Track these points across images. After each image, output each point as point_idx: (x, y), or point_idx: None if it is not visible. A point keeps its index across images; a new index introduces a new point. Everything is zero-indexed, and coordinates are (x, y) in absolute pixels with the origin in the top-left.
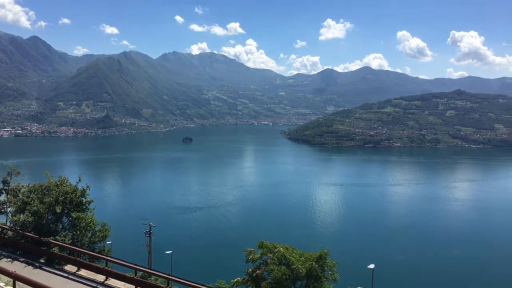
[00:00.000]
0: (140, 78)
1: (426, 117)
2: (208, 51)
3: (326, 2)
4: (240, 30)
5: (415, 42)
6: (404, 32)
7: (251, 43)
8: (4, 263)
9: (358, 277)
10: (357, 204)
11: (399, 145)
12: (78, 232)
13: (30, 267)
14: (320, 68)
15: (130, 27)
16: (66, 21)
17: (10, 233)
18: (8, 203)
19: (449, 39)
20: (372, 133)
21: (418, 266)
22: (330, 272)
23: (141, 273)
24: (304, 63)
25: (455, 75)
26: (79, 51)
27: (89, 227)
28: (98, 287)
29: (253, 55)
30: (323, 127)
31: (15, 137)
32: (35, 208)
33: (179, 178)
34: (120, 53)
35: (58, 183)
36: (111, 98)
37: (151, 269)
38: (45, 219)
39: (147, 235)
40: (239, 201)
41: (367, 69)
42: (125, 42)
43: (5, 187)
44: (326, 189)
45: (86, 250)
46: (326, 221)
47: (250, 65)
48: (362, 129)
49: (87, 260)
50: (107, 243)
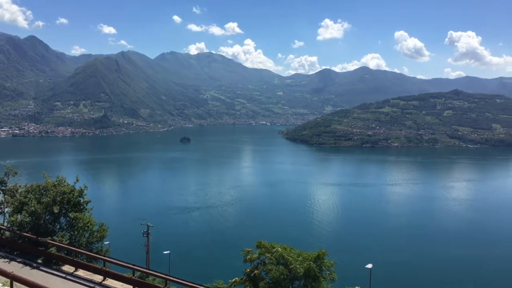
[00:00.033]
0: (138, 78)
1: (423, 117)
2: (206, 51)
3: (324, 2)
4: (238, 30)
5: (412, 42)
6: (402, 32)
7: (249, 43)
8: (2, 264)
9: (356, 276)
10: (355, 204)
11: (396, 145)
12: (76, 232)
13: (28, 268)
14: (318, 68)
15: (128, 27)
16: (63, 21)
17: (7, 233)
18: (5, 203)
19: (446, 39)
20: (370, 133)
21: (415, 266)
22: (328, 272)
23: (139, 273)
24: (302, 63)
25: (453, 75)
26: (77, 51)
27: (86, 227)
28: (95, 287)
29: (251, 55)
30: (321, 127)
31: (12, 137)
32: (33, 208)
33: (177, 178)
34: (118, 53)
35: (56, 183)
36: (109, 98)
37: (149, 269)
38: (43, 219)
39: (145, 235)
40: (237, 201)
41: (365, 69)
42: (122, 42)
43: (3, 187)
44: (324, 189)
45: (84, 250)
46: (324, 221)
47: (248, 65)
48: (360, 129)
49: (84, 260)
50: (105, 243)
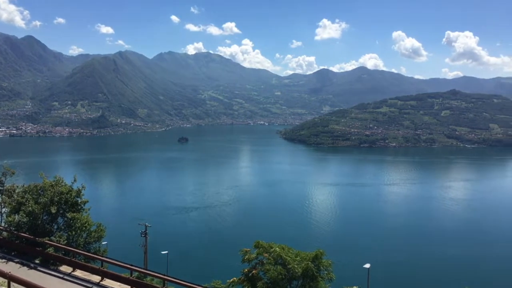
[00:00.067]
0: (135, 78)
1: (421, 117)
2: (204, 51)
3: (322, 2)
4: (236, 30)
5: (410, 42)
6: (399, 32)
7: (247, 43)
8: None
9: (354, 276)
10: (353, 203)
11: (394, 145)
12: (73, 233)
13: (25, 268)
14: (316, 68)
15: (126, 26)
16: (61, 20)
17: (4, 233)
18: (2, 204)
19: (444, 39)
20: (367, 133)
21: (413, 265)
22: (326, 272)
23: (136, 273)
24: (300, 63)
25: (450, 75)
26: (74, 50)
27: (84, 228)
28: (93, 287)
29: (249, 55)
30: (318, 127)
31: (9, 137)
32: (30, 208)
33: (175, 178)
34: (116, 53)
35: (53, 183)
36: (107, 98)
37: (146, 270)
38: (40, 219)
39: (142, 235)
40: (235, 201)
41: (362, 69)
42: (120, 42)
43: (0, 188)
44: (321, 189)
45: (82, 250)
46: (322, 221)
47: (246, 65)
48: (358, 129)
49: (82, 260)
50: (103, 243)
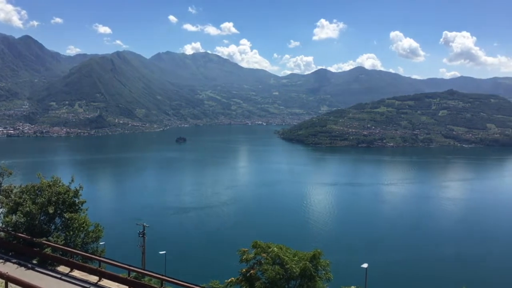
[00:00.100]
0: (133, 78)
1: (419, 117)
2: (202, 51)
3: (320, 2)
4: (233, 30)
5: (407, 43)
6: (397, 33)
7: (245, 43)
8: None
9: (352, 276)
10: (351, 203)
11: (392, 144)
12: (71, 233)
13: (23, 268)
14: (314, 68)
15: (123, 26)
16: (58, 20)
17: (2, 234)
18: (0, 204)
19: (441, 40)
20: (365, 133)
21: (411, 265)
22: (323, 272)
23: (134, 273)
24: (298, 63)
25: (448, 75)
26: (72, 50)
27: (82, 228)
28: None
29: (247, 55)
30: (316, 127)
31: (7, 137)
32: (28, 208)
33: (173, 178)
34: (113, 53)
35: (51, 183)
36: (104, 98)
37: (144, 270)
38: (38, 220)
39: (140, 235)
40: (233, 201)
41: (360, 69)
42: (118, 42)
43: None
44: (319, 188)
45: (79, 251)
46: (320, 220)
47: (243, 65)
48: (356, 129)
49: (80, 261)
50: (100, 243)
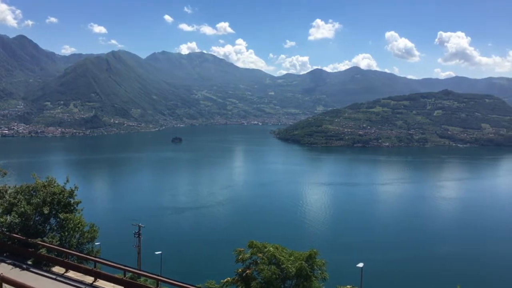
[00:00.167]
0: (129, 78)
1: (414, 117)
2: (198, 50)
3: (315, 2)
4: (229, 30)
5: (403, 43)
6: (392, 33)
7: (241, 42)
8: None
9: (347, 275)
10: (346, 203)
11: (387, 144)
12: (66, 233)
13: (17, 269)
14: (309, 68)
15: (119, 26)
16: (53, 20)
17: None
18: None
19: (436, 40)
20: (361, 132)
21: (406, 264)
22: (319, 271)
23: (130, 274)
24: (294, 63)
25: (443, 75)
26: (67, 50)
27: (77, 228)
28: None
29: (243, 55)
30: (312, 127)
31: (1, 137)
32: (22, 209)
33: (168, 178)
34: (109, 53)
35: (46, 183)
36: (100, 98)
37: (140, 270)
38: (33, 220)
39: (136, 235)
40: (229, 201)
41: (356, 69)
42: (113, 42)
43: None
44: (315, 188)
45: (74, 251)
46: (316, 220)
47: (239, 65)
48: (351, 128)
49: (75, 261)
50: (96, 244)
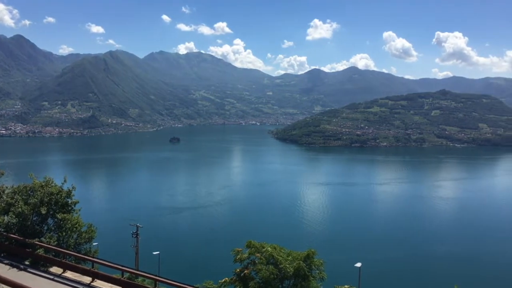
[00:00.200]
0: (126, 78)
1: (411, 117)
2: (195, 50)
3: (313, 2)
4: (227, 30)
5: (400, 43)
6: (390, 33)
7: (239, 42)
8: None
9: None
10: (344, 203)
11: (385, 144)
12: (64, 234)
13: (15, 269)
14: (307, 68)
15: (116, 26)
16: (50, 19)
17: None
18: None
19: (434, 40)
20: (358, 132)
21: (404, 264)
22: (317, 271)
23: (128, 274)
24: (292, 63)
25: (440, 75)
26: (64, 50)
27: (75, 228)
28: None
29: (241, 55)
30: (310, 127)
31: None
32: (20, 209)
33: (166, 178)
34: (106, 53)
35: (43, 184)
36: (97, 98)
37: (138, 270)
38: (30, 220)
39: (134, 235)
40: (227, 201)
41: (353, 69)
42: (111, 41)
43: None
44: (313, 188)
45: (72, 251)
46: (314, 220)
47: (237, 65)
48: (349, 128)
49: (73, 261)
50: (93, 244)
